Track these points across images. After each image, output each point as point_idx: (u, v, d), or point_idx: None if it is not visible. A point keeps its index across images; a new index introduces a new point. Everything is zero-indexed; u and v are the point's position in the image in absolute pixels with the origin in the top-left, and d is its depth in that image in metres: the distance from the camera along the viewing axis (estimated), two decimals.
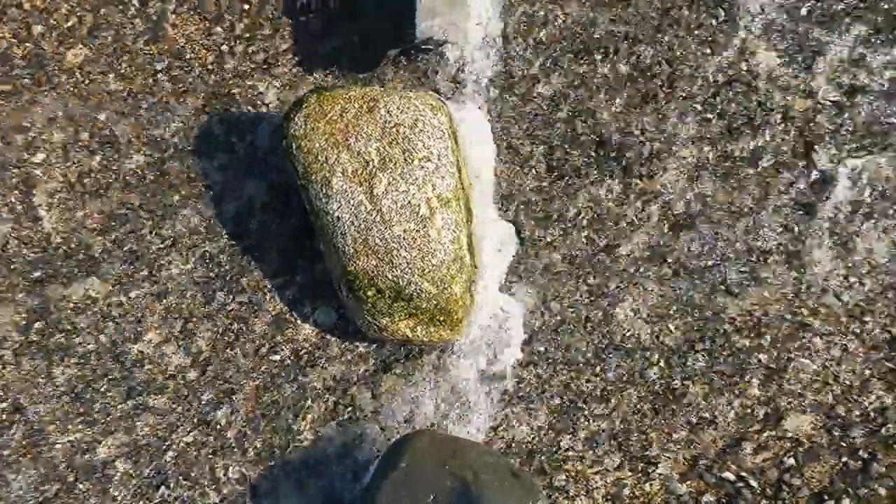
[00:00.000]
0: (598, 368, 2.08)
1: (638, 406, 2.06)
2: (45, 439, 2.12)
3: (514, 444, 2.06)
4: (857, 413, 2.01)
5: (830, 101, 2.14)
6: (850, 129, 2.13)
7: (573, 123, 2.20)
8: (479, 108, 2.23)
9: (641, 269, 2.12)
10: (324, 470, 2.06)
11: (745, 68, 2.18)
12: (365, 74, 2.27)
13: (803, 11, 2.09)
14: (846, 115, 2.13)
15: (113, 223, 2.22)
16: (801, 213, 2.12)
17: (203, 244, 2.21)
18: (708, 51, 2.20)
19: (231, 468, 2.08)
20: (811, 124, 2.14)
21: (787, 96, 2.15)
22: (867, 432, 1.99)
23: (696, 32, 2.21)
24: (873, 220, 2.10)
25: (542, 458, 2.05)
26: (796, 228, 2.11)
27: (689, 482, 2.00)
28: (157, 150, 2.26)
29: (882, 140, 2.11)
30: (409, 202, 1.94)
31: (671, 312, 2.10)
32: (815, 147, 2.09)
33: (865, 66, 2.13)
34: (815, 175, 2.12)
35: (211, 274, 2.19)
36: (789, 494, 1.98)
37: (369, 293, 1.98)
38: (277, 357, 2.14)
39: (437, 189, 1.95)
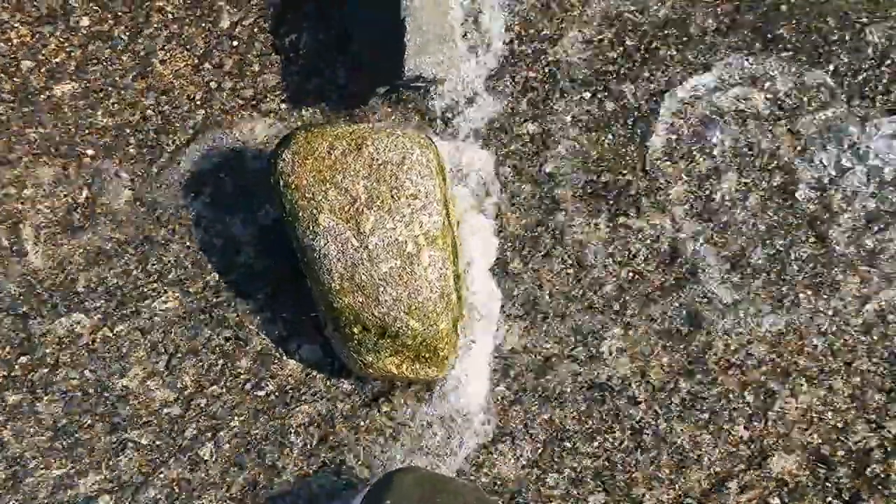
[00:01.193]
0: (583, 406, 2.08)
1: (623, 444, 2.05)
2: (28, 474, 2.10)
3: (498, 482, 2.05)
4: (843, 453, 2.01)
5: None
6: None
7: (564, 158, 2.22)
8: (471, 144, 2.24)
9: (627, 307, 2.13)
10: None
11: None
12: (354, 111, 2.29)
13: None
14: None
15: (99, 258, 2.22)
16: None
17: (189, 279, 2.20)
18: None
19: None
20: None
21: None
22: (852, 472, 1.99)
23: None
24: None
25: (527, 495, 2.04)
26: (783, 268, 2.13)
27: None
28: (144, 186, 2.26)
29: None
30: (396, 239, 1.94)
31: (656, 351, 2.10)
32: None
33: None
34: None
35: (196, 309, 2.19)
36: None
37: (355, 330, 1.98)
38: (262, 393, 2.14)
39: (425, 226, 1.96)
